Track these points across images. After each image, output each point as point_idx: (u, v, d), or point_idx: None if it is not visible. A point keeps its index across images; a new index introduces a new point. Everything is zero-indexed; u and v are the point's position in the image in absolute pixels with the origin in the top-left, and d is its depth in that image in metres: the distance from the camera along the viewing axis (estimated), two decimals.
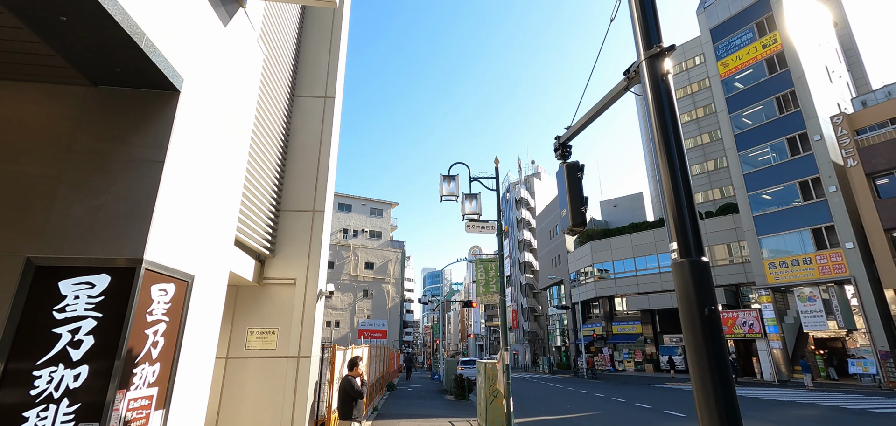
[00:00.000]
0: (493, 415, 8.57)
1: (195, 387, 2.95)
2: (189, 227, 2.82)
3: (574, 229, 3.76)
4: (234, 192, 3.54)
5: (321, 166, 6.11)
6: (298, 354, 5.33)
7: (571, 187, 3.79)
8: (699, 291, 2.33)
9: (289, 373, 5.25)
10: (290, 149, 6.11)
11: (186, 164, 2.74)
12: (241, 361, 5.24)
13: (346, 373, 6.23)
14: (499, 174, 9.27)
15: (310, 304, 5.51)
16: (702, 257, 2.39)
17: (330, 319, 41.91)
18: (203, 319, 3.04)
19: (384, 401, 15.52)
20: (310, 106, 6.40)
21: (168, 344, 2.58)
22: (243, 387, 5.15)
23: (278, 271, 5.57)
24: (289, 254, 5.66)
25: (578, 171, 3.82)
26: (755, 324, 24.87)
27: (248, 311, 5.43)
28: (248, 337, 5.34)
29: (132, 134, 2.56)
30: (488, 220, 8.99)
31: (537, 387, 23.29)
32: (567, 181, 3.82)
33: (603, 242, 37.18)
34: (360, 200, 47.79)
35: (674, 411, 12.90)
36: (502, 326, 8.37)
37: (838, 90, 28.05)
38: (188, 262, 2.80)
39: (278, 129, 5.63)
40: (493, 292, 9.71)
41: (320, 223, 5.86)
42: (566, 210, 3.81)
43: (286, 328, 5.40)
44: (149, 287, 2.42)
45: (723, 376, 2.17)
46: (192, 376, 2.90)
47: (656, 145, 2.65)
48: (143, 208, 2.41)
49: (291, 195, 5.90)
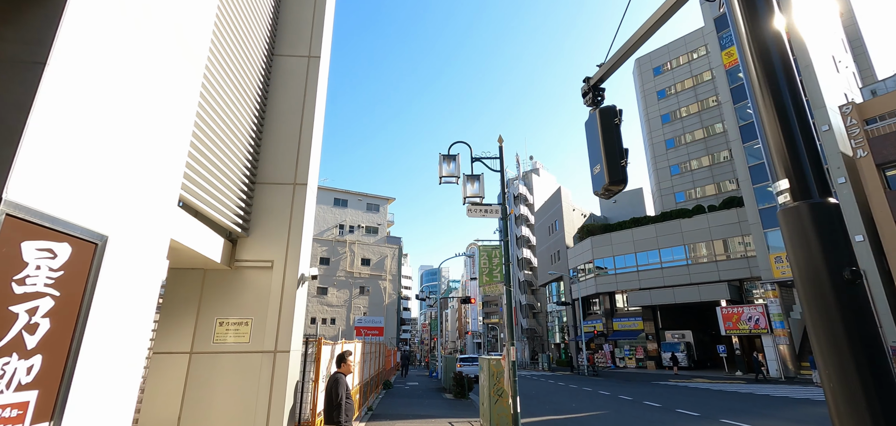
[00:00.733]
0: (497, 416, 7.83)
1: (110, 392, 2.18)
2: (97, 170, 2.05)
3: (610, 189, 3.01)
4: (177, 138, 2.76)
5: (304, 133, 5.34)
6: (275, 348, 4.56)
7: (607, 137, 3.03)
8: (829, 246, 1.56)
9: (264, 370, 4.48)
10: (269, 114, 5.33)
11: (89, 77, 1.96)
12: (207, 357, 4.47)
13: (334, 371, 5.47)
14: (503, 153, 8.52)
15: (289, 291, 4.74)
16: (829, 198, 1.63)
17: (326, 316, 41.12)
18: (125, 299, 2.27)
19: (380, 399, 14.77)
20: (291, 66, 5.62)
21: (58, 329, 1.81)
22: (210, 388, 4.38)
23: (253, 252, 4.81)
24: (265, 232, 4.89)
25: (615, 117, 3.07)
26: (761, 319, 24.28)
27: (216, 299, 4.66)
28: (216, 328, 4.57)
29: (1, 24, 1.78)
30: (491, 204, 8.24)
31: (538, 384, 22.61)
32: (601, 130, 3.07)
33: (603, 237, 36.54)
34: (357, 195, 46.94)
35: (686, 410, 12.22)
36: (508, 319, 7.63)
37: (845, 80, 27.46)
38: (96, 218, 2.03)
39: (253, 91, 4.85)
40: (497, 282, 8.98)
41: (302, 197, 5.08)
42: (600, 166, 3.06)
43: (261, 318, 4.63)
44: (17, 243, 1.65)
45: (880, 370, 1.43)
46: (106, 377, 2.13)
47: (746, 50, 1.89)
48: (7, 126, 1.64)
49: (269, 166, 5.12)
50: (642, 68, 45.75)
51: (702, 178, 39.29)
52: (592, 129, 3.17)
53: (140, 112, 2.35)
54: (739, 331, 25.48)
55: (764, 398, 14.78)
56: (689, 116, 41.09)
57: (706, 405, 13.16)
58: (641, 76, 46.63)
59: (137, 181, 2.35)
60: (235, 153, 4.46)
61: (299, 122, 5.40)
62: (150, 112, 2.45)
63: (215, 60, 3.80)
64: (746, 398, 14.83)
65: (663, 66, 42.80)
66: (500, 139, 8.58)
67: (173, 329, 4.54)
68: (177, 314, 4.58)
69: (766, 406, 12.88)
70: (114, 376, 2.20)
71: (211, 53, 3.70)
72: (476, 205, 8.25)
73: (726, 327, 26.15)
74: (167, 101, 2.64)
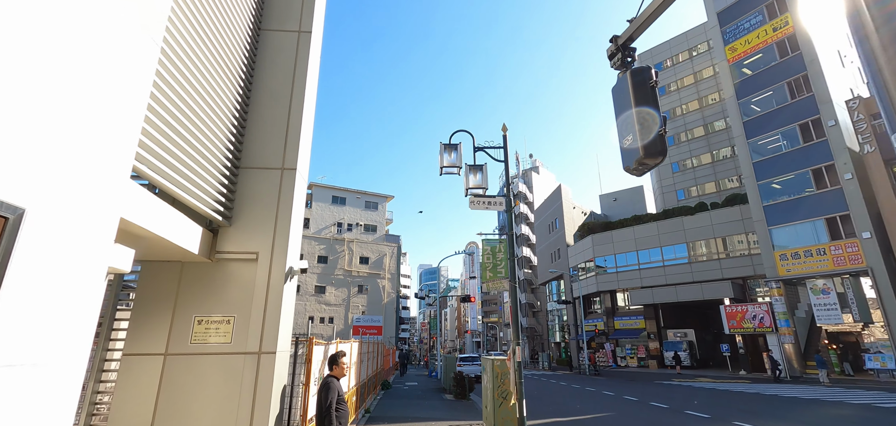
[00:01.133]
0: (502, 420, 7.40)
1: (34, 403, 1.73)
2: (8, 130, 1.59)
3: (644, 162, 2.57)
4: (127, 101, 2.31)
5: (293, 115, 4.88)
6: (260, 349, 4.11)
7: (640, 101, 2.59)
8: None
9: (247, 373, 4.03)
10: (255, 93, 4.88)
11: None
12: (184, 359, 4.02)
13: (326, 373, 5.04)
14: (507, 143, 8.07)
15: (276, 285, 4.29)
16: None
17: (324, 315, 40.66)
18: (57, 288, 1.82)
19: (378, 401, 14.32)
20: (280, 42, 5.16)
21: None
22: (187, 393, 3.93)
23: (236, 243, 4.35)
24: (250, 221, 4.44)
25: (650, 79, 2.62)
26: (765, 317, 23.90)
27: (195, 295, 4.21)
28: (194, 327, 4.12)
29: None
30: (495, 196, 7.79)
31: (539, 384, 22.20)
32: (633, 94, 2.62)
33: (604, 235, 36.13)
34: (355, 193, 46.45)
35: (695, 411, 11.81)
36: (513, 316, 7.19)
37: (850, 75, 27.08)
38: (9, 184, 1.58)
39: (237, 66, 4.40)
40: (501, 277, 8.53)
41: (291, 184, 4.63)
42: (632, 136, 2.61)
43: (245, 316, 4.18)
44: None
45: None
46: (25, 383, 1.68)
47: None
48: None
49: (255, 149, 4.67)
50: (643, 64, 45.26)
51: (703, 176, 38.91)
52: (622, 95, 2.72)
53: (70, 66, 1.90)
54: (743, 330, 25.09)
55: (772, 398, 14.38)
56: (691, 113, 40.70)
57: (715, 406, 12.76)
58: None
59: (69, 149, 1.89)
60: (216, 133, 4.00)
61: (288, 102, 4.94)
62: (87, 67, 1.99)
63: (188, 26, 3.34)
64: (754, 398, 14.43)
65: (664, 62, 42.37)
66: (505, 127, 8.13)
67: (146, 328, 4.09)
68: (150, 311, 4.12)
69: (778, 407, 12.47)
70: (38, 384, 1.74)
71: (181, 16, 3.24)
72: (479, 196, 7.82)
73: (730, 326, 25.77)
74: (116, 55, 2.18)
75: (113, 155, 2.20)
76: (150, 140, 2.93)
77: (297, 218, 4.78)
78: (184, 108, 3.32)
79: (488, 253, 8.88)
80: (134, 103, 2.38)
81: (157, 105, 2.99)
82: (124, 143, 2.29)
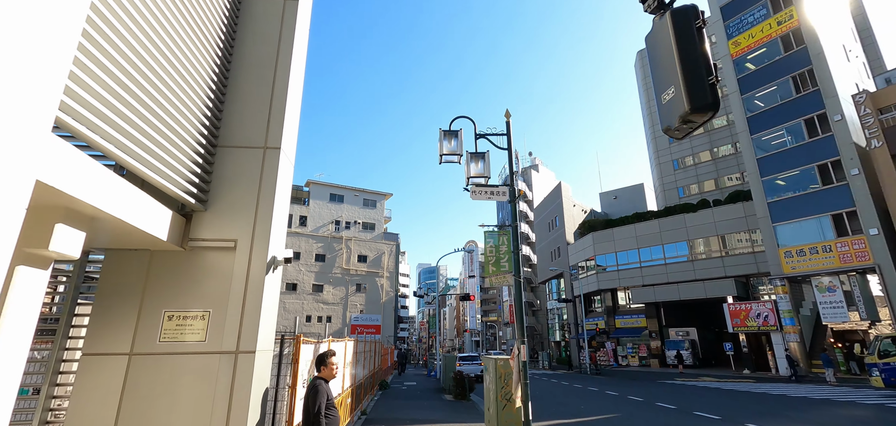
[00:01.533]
0: (505, 424, 6.95)
1: None
2: None
3: (690, 119, 2.11)
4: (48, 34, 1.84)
5: (278, 88, 4.43)
6: (237, 348, 3.66)
7: (684, 46, 2.13)
8: None
9: (223, 375, 3.58)
10: (235, 64, 4.42)
11: None
12: (152, 359, 3.56)
13: (314, 375, 4.58)
14: (510, 129, 7.62)
15: (256, 277, 3.84)
16: None
17: (322, 314, 40.17)
18: None
19: (375, 402, 13.86)
20: (263, 8, 4.70)
21: None
22: (154, 397, 3.47)
23: (212, 230, 3.90)
24: (228, 205, 3.98)
25: (697, 19, 2.17)
26: (770, 316, 23.52)
27: (165, 287, 3.75)
28: (164, 323, 3.66)
29: None
30: (498, 186, 7.34)
31: (540, 383, 21.77)
32: (675, 38, 2.16)
33: (605, 233, 35.72)
34: (353, 191, 45.94)
35: (703, 412, 11.38)
36: (518, 312, 6.75)
37: (855, 70, 26.70)
38: None
39: (214, 34, 3.94)
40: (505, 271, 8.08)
41: (274, 164, 4.17)
42: (674, 88, 2.15)
43: (221, 311, 3.72)
44: None
45: None
46: None
47: None
48: None
49: (234, 126, 4.21)
50: (644, 60, 44.93)
51: (704, 173, 38.53)
52: (661, 42, 2.26)
53: None
54: (747, 329, 24.71)
55: (780, 398, 13.97)
56: None
57: (723, 406, 12.34)
58: (643, 68, 45.84)
59: None
60: (188, 106, 3.54)
61: (272, 74, 4.48)
62: None
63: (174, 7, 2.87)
64: (763, 398, 14.02)
65: None
66: (508, 114, 7.68)
67: (110, 324, 3.62)
68: (114, 306, 3.66)
69: (788, 407, 12.06)
70: None
71: None
72: (480, 186, 7.36)
73: (734, 324, 25.38)
74: None
75: (35, 104, 1.73)
76: (117, 114, 2.47)
77: (281, 202, 4.32)
78: (152, 78, 2.85)
79: (491, 245, 8.44)
80: (67, 43, 1.90)
81: (124, 74, 2.52)
82: (38, 79, 1.81)
